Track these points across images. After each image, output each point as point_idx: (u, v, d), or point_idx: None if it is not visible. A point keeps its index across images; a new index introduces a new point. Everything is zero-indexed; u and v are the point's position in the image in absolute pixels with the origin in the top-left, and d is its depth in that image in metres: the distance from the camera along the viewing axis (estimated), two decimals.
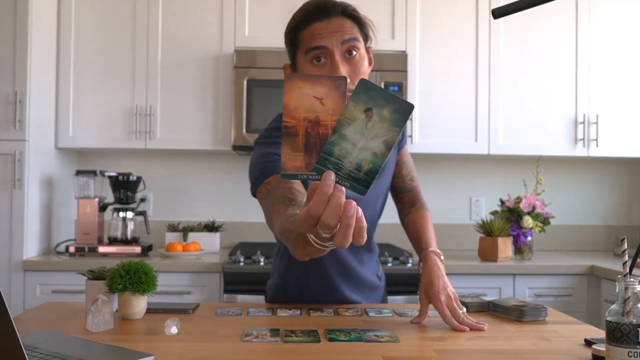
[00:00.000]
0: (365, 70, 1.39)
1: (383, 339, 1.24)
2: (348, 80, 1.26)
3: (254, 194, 1.39)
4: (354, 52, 1.35)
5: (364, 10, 1.42)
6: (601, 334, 1.28)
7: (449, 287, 1.40)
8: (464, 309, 1.37)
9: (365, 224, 0.78)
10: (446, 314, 1.34)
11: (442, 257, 1.50)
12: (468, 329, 1.32)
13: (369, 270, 1.65)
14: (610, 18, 3.11)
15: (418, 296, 1.44)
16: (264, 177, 1.34)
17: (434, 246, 1.53)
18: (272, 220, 1.24)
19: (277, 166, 1.32)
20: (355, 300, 1.60)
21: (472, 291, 2.62)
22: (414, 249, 1.60)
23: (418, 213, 1.66)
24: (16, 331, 0.80)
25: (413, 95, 2.99)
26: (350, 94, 0.76)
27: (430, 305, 1.40)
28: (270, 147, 1.39)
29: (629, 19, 3.12)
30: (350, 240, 0.78)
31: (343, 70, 1.33)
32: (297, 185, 1.28)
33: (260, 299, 2.56)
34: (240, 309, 1.50)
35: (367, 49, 1.42)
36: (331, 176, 0.76)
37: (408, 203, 1.71)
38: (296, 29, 1.38)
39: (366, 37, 1.41)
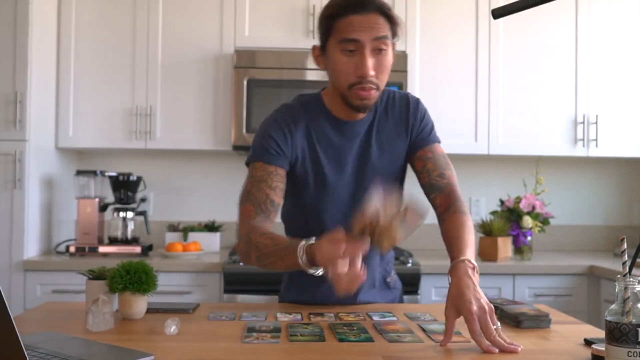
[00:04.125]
0: (389, 65, 1.47)
1: (406, 339, 1.23)
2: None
3: (247, 164, 1.55)
4: (384, 49, 1.43)
5: None
6: (601, 333, 1.28)
7: (483, 298, 1.18)
8: (498, 325, 1.16)
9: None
10: (475, 330, 1.13)
11: (476, 269, 1.26)
12: (497, 350, 1.12)
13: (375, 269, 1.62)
14: (610, 18, 3.11)
15: (444, 312, 1.20)
16: (257, 158, 1.51)
17: (467, 255, 1.29)
18: (242, 211, 1.50)
19: (271, 154, 1.49)
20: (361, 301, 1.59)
21: None
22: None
23: (451, 218, 1.45)
24: (17, 331, 0.80)
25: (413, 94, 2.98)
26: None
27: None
28: (277, 131, 1.50)
29: (629, 19, 3.12)
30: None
31: (370, 63, 1.40)
32: (274, 195, 1.46)
33: (260, 299, 2.57)
34: (233, 314, 1.46)
35: (392, 45, 1.49)
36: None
37: (443, 206, 1.50)
38: (333, 17, 1.43)
39: (394, 36, 1.48)
